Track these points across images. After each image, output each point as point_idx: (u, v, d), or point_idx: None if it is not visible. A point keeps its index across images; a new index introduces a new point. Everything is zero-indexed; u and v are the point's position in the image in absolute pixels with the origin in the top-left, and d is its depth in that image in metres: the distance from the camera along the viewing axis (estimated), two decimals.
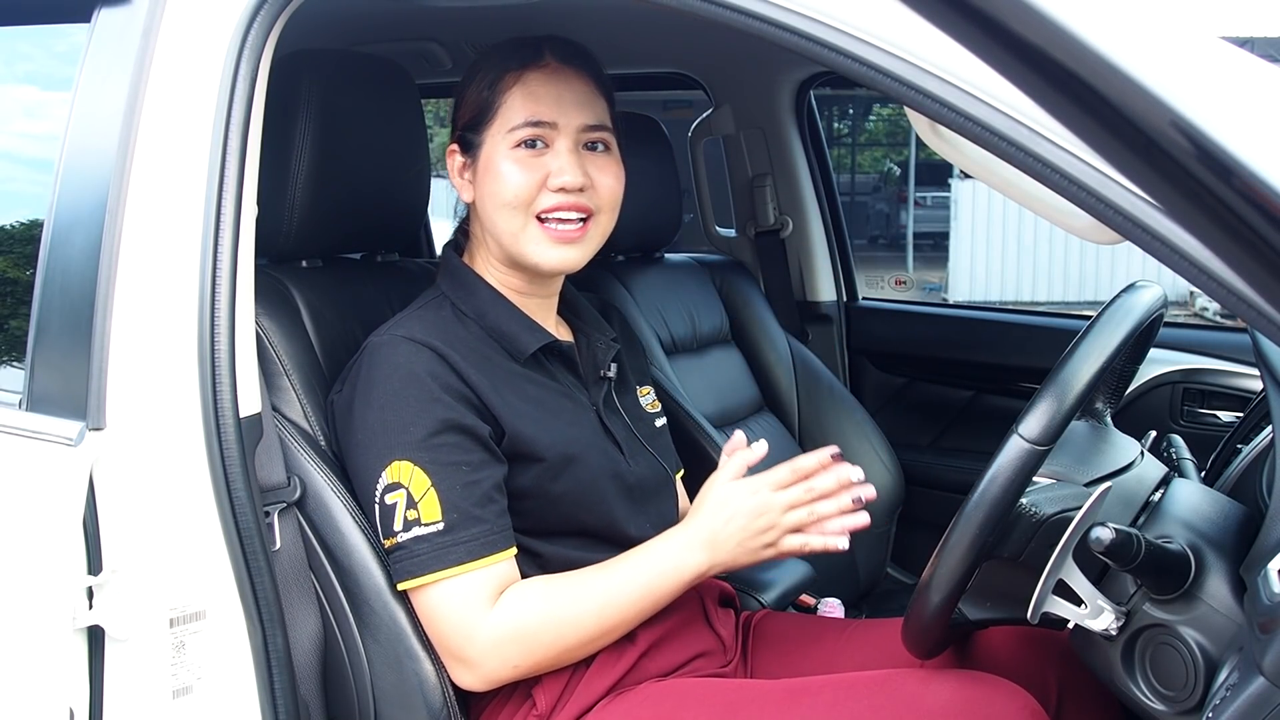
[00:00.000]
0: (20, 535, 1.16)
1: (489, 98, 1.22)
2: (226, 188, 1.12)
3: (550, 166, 1.20)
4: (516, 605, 1.11)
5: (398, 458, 1.11)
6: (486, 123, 1.22)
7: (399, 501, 1.11)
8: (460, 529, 1.10)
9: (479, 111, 1.23)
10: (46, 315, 1.16)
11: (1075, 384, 0.97)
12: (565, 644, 1.13)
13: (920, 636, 1.07)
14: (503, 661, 1.11)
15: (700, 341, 2.17)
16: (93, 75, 1.17)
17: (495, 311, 1.24)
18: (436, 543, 1.10)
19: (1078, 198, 0.82)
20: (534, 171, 1.20)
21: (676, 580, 1.16)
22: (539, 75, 1.21)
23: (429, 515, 1.10)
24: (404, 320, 1.22)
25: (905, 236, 14.92)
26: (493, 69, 1.23)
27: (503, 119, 1.21)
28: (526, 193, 1.19)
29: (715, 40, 2.13)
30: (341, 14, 1.75)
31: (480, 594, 1.11)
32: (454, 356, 1.16)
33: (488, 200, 1.23)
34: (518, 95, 1.21)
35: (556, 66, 1.22)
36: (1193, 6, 1.07)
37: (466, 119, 1.25)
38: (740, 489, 1.17)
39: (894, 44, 0.88)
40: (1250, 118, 0.49)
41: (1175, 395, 2.06)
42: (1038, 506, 1.04)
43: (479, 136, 1.23)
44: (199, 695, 1.12)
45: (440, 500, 1.10)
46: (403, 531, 1.11)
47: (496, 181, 1.21)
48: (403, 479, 1.11)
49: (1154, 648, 0.96)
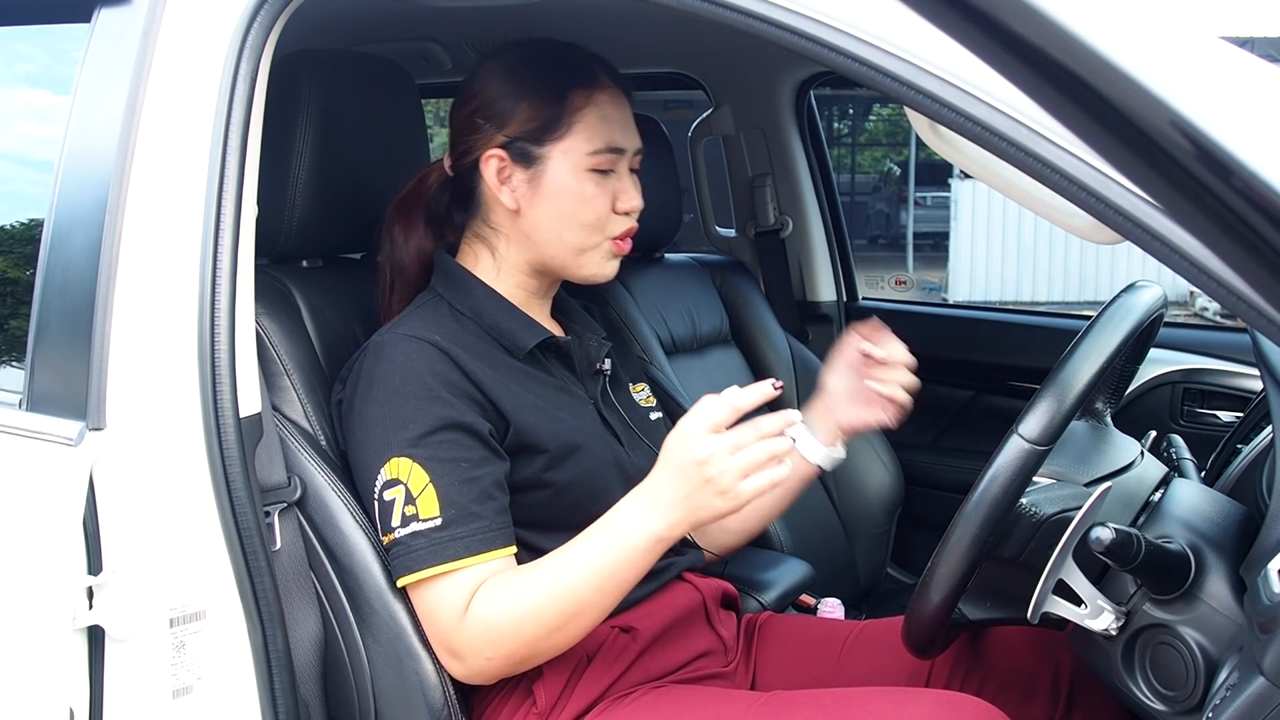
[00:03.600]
0: (20, 535, 1.16)
1: (557, 113, 1.21)
2: (226, 188, 1.12)
3: (615, 189, 1.24)
4: (482, 602, 1.10)
5: (396, 454, 1.12)
6: (553, 138, 1.21)
7: (397, 498, 1.11)
8: (458, 525, 1.10)
9: (544, 124, 1.22)
10: (46, 315, 1.16)
11: (1075, 384, 0.97)
12: (533, 633, 1.09)
13: (920, 636, 1.07)
14: (482, 656, 1.11)
15: (700, 341, 2.17)
16: (93, 75, 1.17)
17: (492, 309, 1.25)
18: (434, 538, 1.10)
19: (1078, 198, 0.82)
20: (608, 195, 1.24)
21: (632, 550, 1.08)
22: (607, 98, 1.24)
23: (427, 511, 1.10)
24: (405, 319, 1.22)
25: (905, 236, 14.92)
26: (554, 82, 1.22)
27: (577, 138, 1.21)
28: (605, 215, 1.24)
29: (715, 40, 2.13)
30: (341, 14, 1.75)
31: (475, 590, 1.11)
32: (456, 351, 1.16)
33: (554, 216, 1.23)
34: (593, 117, 1.22)
35: (614, 90, 1.25)
36: (1193, 6, 1.07)
37: (522, 128, 1.22)
38: (678, 441, 1.08)
39: (894, 44, 0.88)
40: (1250, 118, 0.49)
41: (1175, 395, 2.06)
42: (1038, 506, 1.04)
43: (540, 149, 1.22)
44: (199, 695, 1.12)
45: (438, 496, 1.10)
46: (400, 527, 1.11)
47: (573, 202, 1.22)
48: (401, 475, 1.11)
49: (1154, 648, 0.96)
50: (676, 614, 1.27)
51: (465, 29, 1.95)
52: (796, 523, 1.87)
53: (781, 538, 1.88)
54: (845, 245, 2.59)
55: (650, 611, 1.26)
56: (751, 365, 2.27)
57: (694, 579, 1.33)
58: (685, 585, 1.32)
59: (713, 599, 1.34)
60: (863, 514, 2.15)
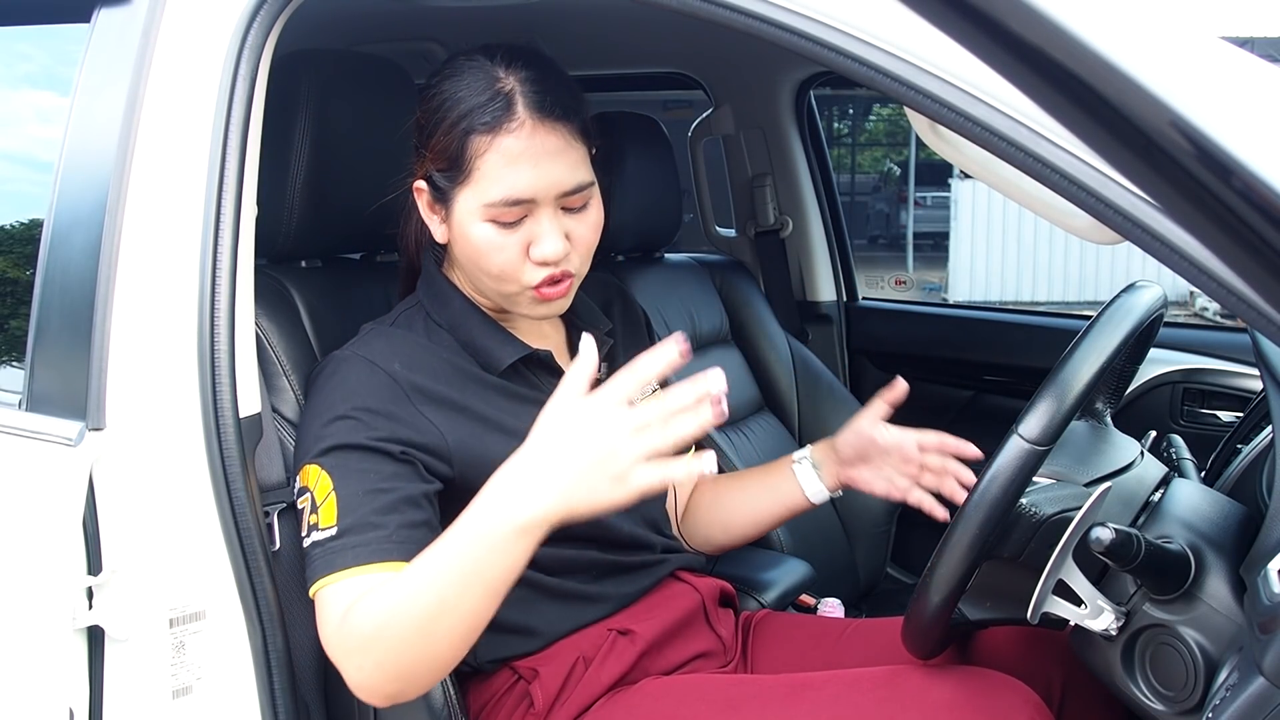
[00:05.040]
0: (20, 535, 1.16)
1: (459, 153, 1.11)
2: (226, 188, 1.12)
3: (532, 233, 1.12)
4: (354, 609, 0.99)
5: (309, 461, 1.08)
6: (458, 181, 1.12)
7: (305, 506, 1.07)
8: (352, 534, 1.03)
9: (449, 164, 1.13)
10: (46, 315, 1.16)
11: (1075, 384, 0.97)
12: (398, 636, 0.96)
13: (920, 636, 1.07)
14: (353, 665, 0.99)
15: (700, 341, 2.17)
16: (92, 75, 1.17)
17: (468, 325, 1.20)
18: (328, 548, 1.04)
19: (1078, 198, 0.82)
20: (515, 243, 1.12)
21: (489, 543, 0.93)
22: (513, 142, 1.09)
23: (325, 520, 1.05)
24: (371, 336, 1.18)
25: (905, 236, 14.92)
26: (460, 117, 1.11)
27: (477, 186, 1.11)
28: (511, 267, 1.13)
29: (715, 40, 2.13)
30: (341, 14, 1.76)
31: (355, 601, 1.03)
32: (411, 379, 1.12)
33: (467, 260, 1.16)
34: (493, 163, 1.10)
35: (532, 125, 1.09)
36: (1193, 6, 1.07)
37: (435, 164, 1.14)
38: (568, 409, 0.92)
39: (894, 44, 0.88)
40: (1250, 118, 0.49)
41: (1175, 395, 2.06)
42: (1038, 506, 1.04)
43: (451, 188, 1.13)
44: (199, 695, 1.12)
45: (338, 505, 1.05)
46: (305, 537, 1.06)
47: (476, 251, 1.13)
48: (309, 483, 1.07)
49: (1154, 648, 0.96)
50: (675, 616, 1.27)
51: (465, 29, 1.95)
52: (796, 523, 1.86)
53: (781, 538, 1.88)
54: (845, 245, 2.59)
55: (649, 614, 1.25)
56: (751, 365, 2.27)
57: (692, 579, 1.33)
58: (683, 586, 1.32)
59: (711, 599, 1.34)
60: (863, 514, 2.15)
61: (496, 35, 1.20)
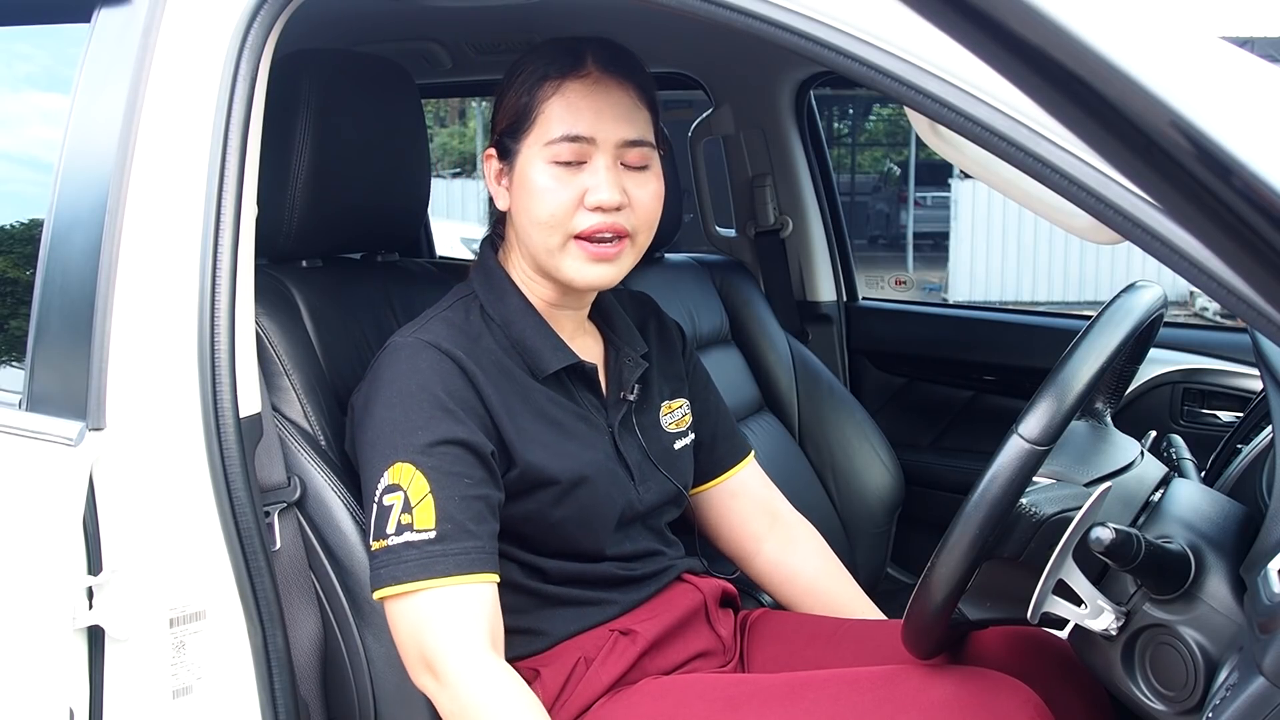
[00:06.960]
0: (20, 535, 1.16)
1: (527, 104, 1.18)
2: (226, 188, 1.12)
3: (587, 183, 1.15)
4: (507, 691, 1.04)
5: (401, 459, 1.09)
6: (524, 131, 1.18)
7: (395, 504, 1.08)
8: (452, 540, 1.07)
9: (516, 118, 1.19)
10: (46, 315, 1.16)
11: (1075, 384, 0.97)
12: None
13: (920, 636, 1.07)
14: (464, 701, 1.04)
15: (700, 341, 2.16)
16: (92, 75, 1.17)
17: (522, 323, 1.21)
18: (426, 550, 1.06)
19: (1078, 198, 0.82)
20: (570, 189, 1.15)
21: None
22: (579, 85, 1.17)
23: (422, 522, 1.07)
24: (431, 322, 1.20)
25: (905, 236, 14.92)
26: (533, 74, 1.18)
27: (540, 130, 1.17)
28: (563, 211, 1.15)
29: (715, 40, 2.13)
30: (341, 14, 1.76)
31: (464, 609, 1.07)
32: (473, 369, 1.14)
33: (523, 214, 1.19)
34: (556, 106, 1.16)
35: (598, 76, 1.17)
36: (1193, 6, 1.07)
37: (504, 124, 1.20)
38: None
39: (894, 44, 0.88)
40: (1250, 118, 0.49)
41: (1175, 395, 2.06)
42: (1038, 506, 1.04)
43: (516, 144, 1.19)
44: (199, 695, 1.12)
45: (436, 509, 1.07)
46: (394, 535, 1.08)
47: (531, 197, 1.17)
48: (402, 481, 1.09)
49: (1154, 648, 0.96)
50: (677, 616, 1.27)
51: (465, 29, 1.95)
52: None
53: None
54: (845, 245, 2.59)
55: (651, 614, 1.25)
56: (751, 365, 2.27)
57: (694, 579, 1.33)
58: (686, 586, 1.32)
59: (713, 599, 1.34)
60: (863, 514, 2.15)
61: (497, 35, 1.21)
